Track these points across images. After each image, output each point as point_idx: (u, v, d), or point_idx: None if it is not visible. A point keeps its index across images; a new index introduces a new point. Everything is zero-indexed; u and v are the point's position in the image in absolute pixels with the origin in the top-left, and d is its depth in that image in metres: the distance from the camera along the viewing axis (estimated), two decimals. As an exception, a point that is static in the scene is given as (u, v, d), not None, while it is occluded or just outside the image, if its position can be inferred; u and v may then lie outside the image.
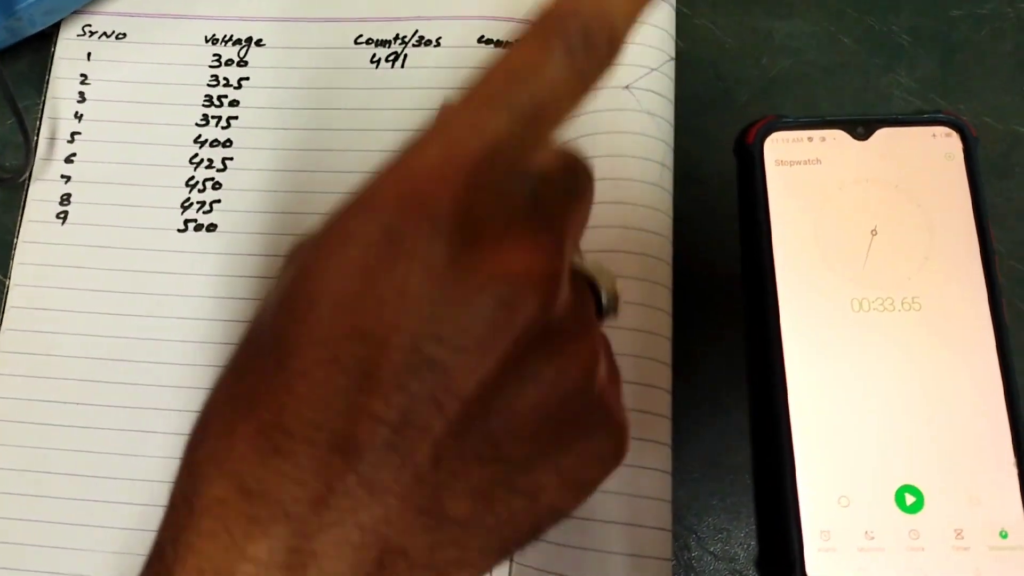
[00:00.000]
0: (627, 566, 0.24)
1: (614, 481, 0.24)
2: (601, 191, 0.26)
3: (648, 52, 0.28)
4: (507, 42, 0.30)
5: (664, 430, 0.25)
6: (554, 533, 0.25)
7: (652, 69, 0.27)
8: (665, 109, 0.28)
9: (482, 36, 0.30)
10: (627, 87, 0.27)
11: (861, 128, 0.29)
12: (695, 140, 0.30)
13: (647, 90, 0.27)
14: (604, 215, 0.27)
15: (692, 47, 0.31)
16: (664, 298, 0.27)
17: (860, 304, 0.27)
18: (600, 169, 0.27)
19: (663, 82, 0.28)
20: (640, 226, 0.27)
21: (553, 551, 0.24)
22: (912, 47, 0.31)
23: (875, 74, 0.31)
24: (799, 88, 0.31)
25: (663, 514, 0.25)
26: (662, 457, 0.25)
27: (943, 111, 0.29)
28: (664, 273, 0.27)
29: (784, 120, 0.29)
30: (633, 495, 0.24)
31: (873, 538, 0.25)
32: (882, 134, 0.29)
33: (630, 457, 0.24)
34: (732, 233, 0.29)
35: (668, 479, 0.25)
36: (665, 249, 0.27)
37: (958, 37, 0.31)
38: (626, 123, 0.27)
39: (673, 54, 0.29)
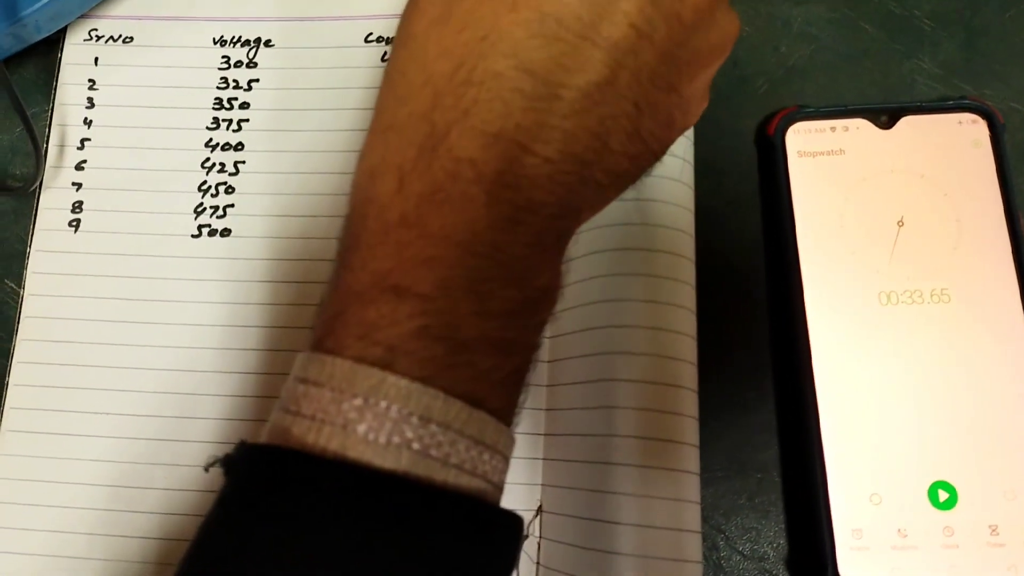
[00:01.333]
0: (656, 569, 0.24)
1: (643, 485, 0.24)
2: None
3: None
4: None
5: (692, 431, 0.25)
6: (583, 536, 0.24)
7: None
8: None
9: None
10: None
11: (885, 117, 0.28)
12: (715, 131, 0.30)
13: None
14: (626, 212, 0.26)
15: (709, 37, 0.31)
16: (689, 296, 0.26)
17: (888, 297, 0.27)
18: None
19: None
20: (662, 223, 0.26)
21: (583, 555, 0.24)
22: (934, 32, 0.30)
23: (897, 60, 0.30)
24: (819, 76, 0.30)
25: (692, 516, 0.24)
26: (690, 459, 0.25)
27: (968, 97, 0.28)
28: (688, 271, 0.26)
29: (806, 110, 0.29)
30: (663, 498, 0.24)
31: (906, 536, 0.25)
32: (906, 122, 0.28)
33: (658, 459, 0.24)
34: (755, 225, 0.29)
35: (696, 480, 0.25)
36: (688, 246, 0.27)
37: (981, 20, 0.30)
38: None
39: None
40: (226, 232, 0.30)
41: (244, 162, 0.30)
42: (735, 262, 0.29)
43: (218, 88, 0.31)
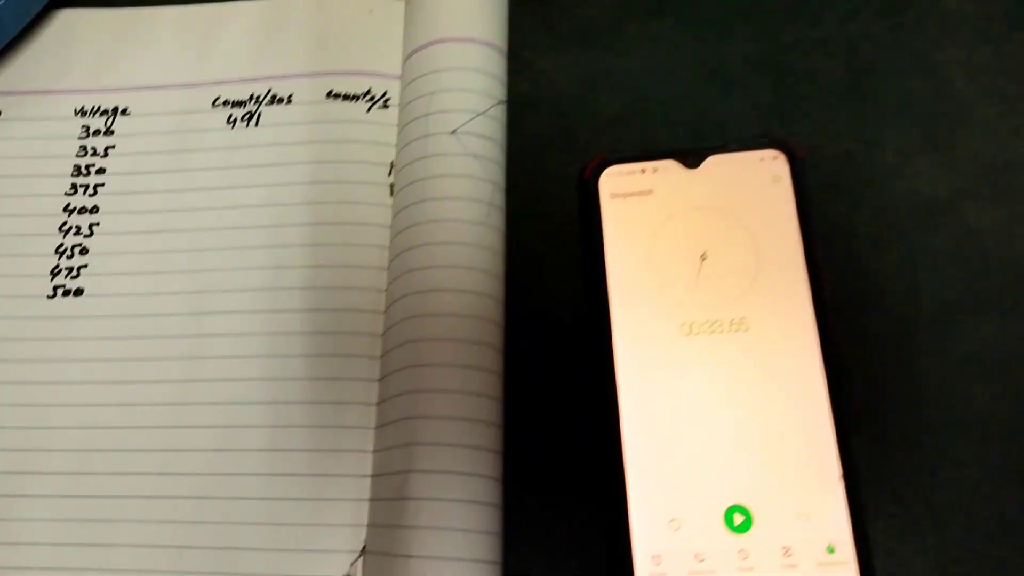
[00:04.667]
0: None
1: (445, 518, 0.25)
2: (429, 232, 0.27)
3: (474, 97, 0.29)
4: (356, 95, 0.32)
5: (494, 491, 0.26)
6: (398, 573, 0.25)
7: (478, 114, 0.29)
8: (492, 150, 0.29)
9: (331, 91, 0.32)
10: (453, 132, 0.28)
11: (691, 157, 0.30)
12: (541, 178, 0.31)
13: (473, 134, 0.28)
14: (434, 255, 0.28)
15: (534, 89, 0.32)
16: (496, 334, 0.27)
17: (690, 328, 0.28)
18: (427, 213, 0.28)
19: (491, 125, 0.29)
20: (469, 264, 0.28)
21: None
22: (746, 75, 0.32)
23: (711, 104, 0.32)
24: (638, 123, 0.32)
25: (494, 547, 0.25)
26: (492, 491, 0.26)
27: (768, 135, 0.30)
28: (495, 309, 0.28)
29: (618, 155, 0.30)
30: (465, 530, 0.25)
31: (704, 560, 0.25)
32: (711, 161, 0.30)
33: (456, 493, 0.25)
34: (576, 265, 0.30)
35: (498, 512, 0.26)
36: (496, 285, 0.28)
37: (790, 62, 0.32)
38: (451, 167, 0.28)
39: (503, 98, 0.30)
40: (79, 292, 0.31)
41: (98, 224, 0.32)
42: (560, 301, 0.30)
43: (77, 156, 0.33)
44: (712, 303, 0.28)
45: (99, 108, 0.33)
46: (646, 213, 0.29)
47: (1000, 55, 0.32)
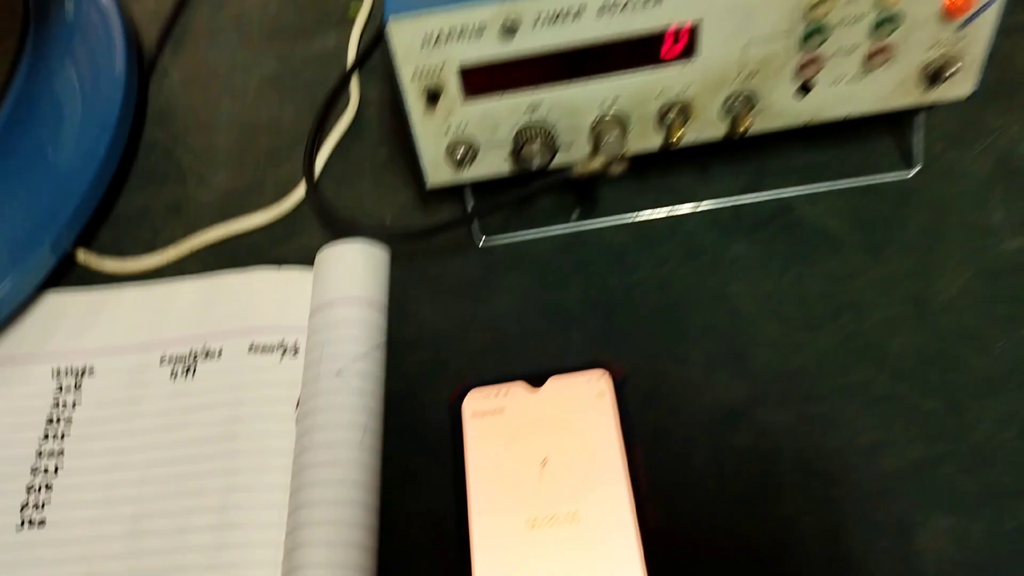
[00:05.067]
0: None
1: None
2: (316, 455, 0.34)
3: (355, 345, 0.37)
4: (272, 347, 0.40)
5: None
6: None
7: (358, 357, 0.37)
8: (372, 384, 0.37)
9: (252, 344, 0.40)
10: (338, 373, 0.36)
11: (535, 380, 0.38)
12: (420, 405, 0.39)
13: (354, 373, 0.36)
14: (319, 474, 0.34)
15: (416, 332, 0.41)
16: (368, 536, 0.34)
17: (534, 522, 0.34)
18: (315, 439, 0.35)
19: (370, 365, 0.37)
20: (346, 479, 0.34)
21: None
22: (582, 313, 0.41)
23: (555, 337, 0.40)
24: (499, 355, 0.40)
25: None
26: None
27: (596, 360, 0.38)
28: (370, 518, 0.34)
29: (478, 380, 0.38)
30: None
31: None
32: (551, 382, 0.37)
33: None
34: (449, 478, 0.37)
35: None
36: (369, 496, 0.34)
37: (615, 302, 0.41)
38: (334, 402, 0.36)
39: (381, 343, 0.39)
40: (43, 523, 0.37)
41: (62, 464, 0.39)
42: (433, 509, 0.36)
43: (51, 408, 0.40)
44: (551, 500, 0.34)
45: (71, 369, 0.41)
46: (499, 428, 0.36)
47: (779, 286, 0.40)
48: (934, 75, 0.37)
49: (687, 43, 0.35)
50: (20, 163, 0.43)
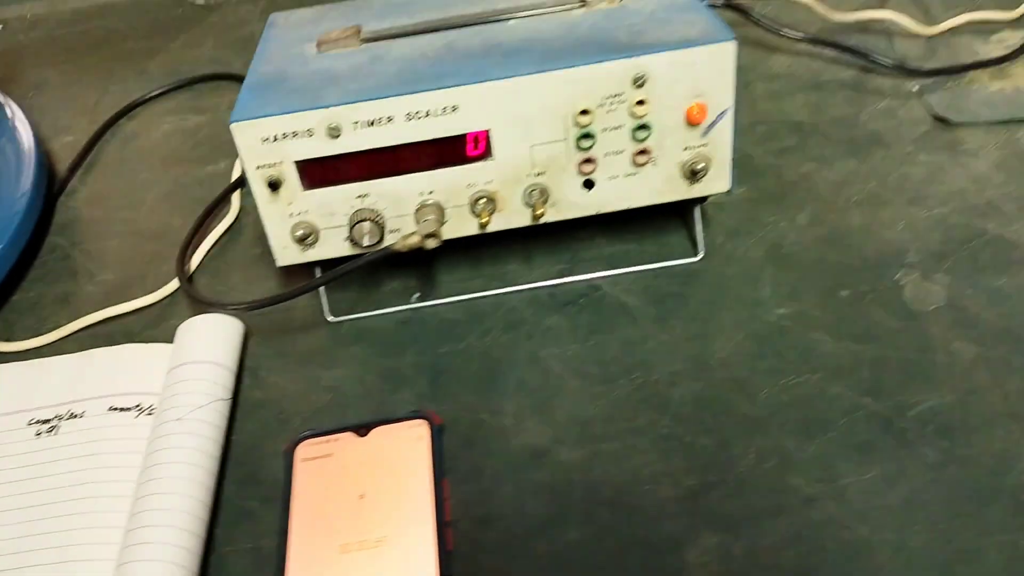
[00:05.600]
0: None
1: None
2: (150, 487, 0.38)
3: (200, 396, 0.42)
4: (129, 408, 0.44)
5: None
6: None
7: (198, 407, 0.41)
8: (210, 431, 0.41)
9: (112, 406, 0.45)
10: (179, 419, 0.41)
11: (362, 429, 0.42)
12: (264, 457, 0.43)
13: (195, 419, 0.41)
14: (154, 509, 0.38)
15: (265, 395, 0.46)
16: (198, 544, 0.37)
17: (346, 547, 0.38)
18: (150, 473, 0.39)
19: (211, 415, 0.42)
20: (180, 508, 0.38)
21: None
22: (414, 375, 0.46)
23: (389, 396, 0.45)
24: (337, 412, 0.45)
25: None
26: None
27: (419, 411, 0.43)
28: (198, 527, 0.38)
29: (312, 431, 0.43)
30: None
31: None
32: (376, 431, 0.42)
33: None
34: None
35: None
36: (199, 525, 0.38)
37: (442, 364, 0.47)
38: (174, 441, 0.40)
39: (225, 397, 0.43)
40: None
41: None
42: (261, 545, 0.40)
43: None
44: (363, 529, 0.38)
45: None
46: (326, 470, 0.41)
47: (584, 349, 0.47)
48: (692, 172, 0.45)
49: (485, 146, 0.43)
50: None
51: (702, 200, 0.49)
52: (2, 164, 0.58)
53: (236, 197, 0.59)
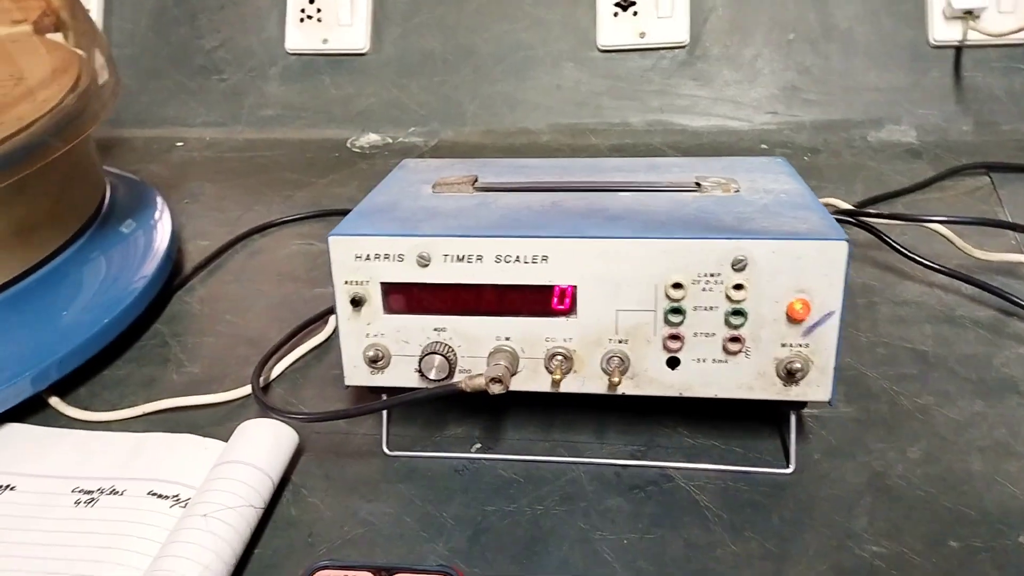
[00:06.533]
0: None
1: None
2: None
3: (232, 497, 0.41)
4: (167, 496, 0.44)
5: None
6: None
7: (227, 507, 0.40)
8: (232, 535, 0.39)
9: (151, 491, 0.44)
10: (204, 515, 0.39)
11: (384, 572, 0.39)
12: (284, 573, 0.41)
13: (220, 520, 0.39)
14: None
15: (302, 513, 0.44)
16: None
17: None
18: (162, 564, 0.37)
19: (237, 519, 0.40)
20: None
21: None
22: (454, 526, 0.43)
23: (424, 542, 0.42)
24: (366, 547, 0.42)
25: None
26: None
27: (445, 565, 0.40)
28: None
29: (331, 562, 0.40)
30: None
31: None
32: (397, 577, 0.39)
33: None
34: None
35: None
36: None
37: (488, 523, 0.43)
38: (191, 536, 0.38)
39: (259, 505, 0.42)
40: None
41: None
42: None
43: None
44: None
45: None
46: (334, 607, 0.38)
47: (641, 541, 0.42)
48: (789, 373, 0.42)
49: (571, 302, 0.42)
50: (36, 309, 0.53)
51: (800, 407, 0.45)
52: (133, 251, 0.62)
53: (332, 320, 0.60)
